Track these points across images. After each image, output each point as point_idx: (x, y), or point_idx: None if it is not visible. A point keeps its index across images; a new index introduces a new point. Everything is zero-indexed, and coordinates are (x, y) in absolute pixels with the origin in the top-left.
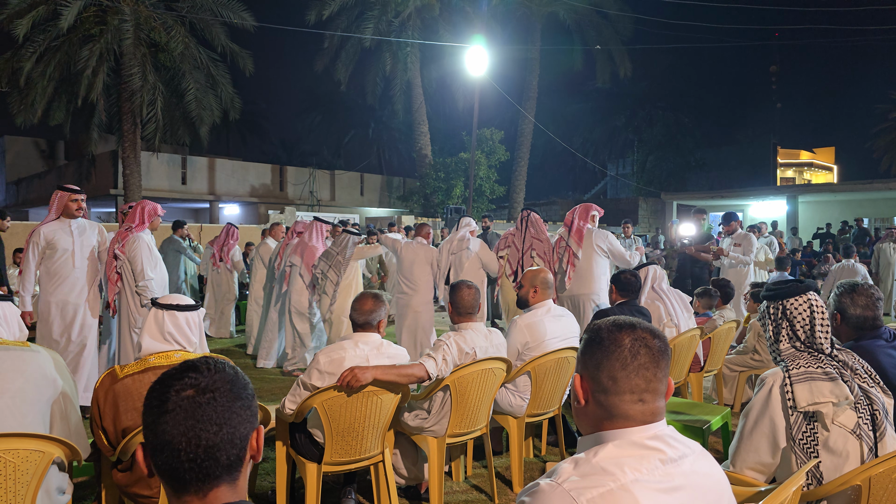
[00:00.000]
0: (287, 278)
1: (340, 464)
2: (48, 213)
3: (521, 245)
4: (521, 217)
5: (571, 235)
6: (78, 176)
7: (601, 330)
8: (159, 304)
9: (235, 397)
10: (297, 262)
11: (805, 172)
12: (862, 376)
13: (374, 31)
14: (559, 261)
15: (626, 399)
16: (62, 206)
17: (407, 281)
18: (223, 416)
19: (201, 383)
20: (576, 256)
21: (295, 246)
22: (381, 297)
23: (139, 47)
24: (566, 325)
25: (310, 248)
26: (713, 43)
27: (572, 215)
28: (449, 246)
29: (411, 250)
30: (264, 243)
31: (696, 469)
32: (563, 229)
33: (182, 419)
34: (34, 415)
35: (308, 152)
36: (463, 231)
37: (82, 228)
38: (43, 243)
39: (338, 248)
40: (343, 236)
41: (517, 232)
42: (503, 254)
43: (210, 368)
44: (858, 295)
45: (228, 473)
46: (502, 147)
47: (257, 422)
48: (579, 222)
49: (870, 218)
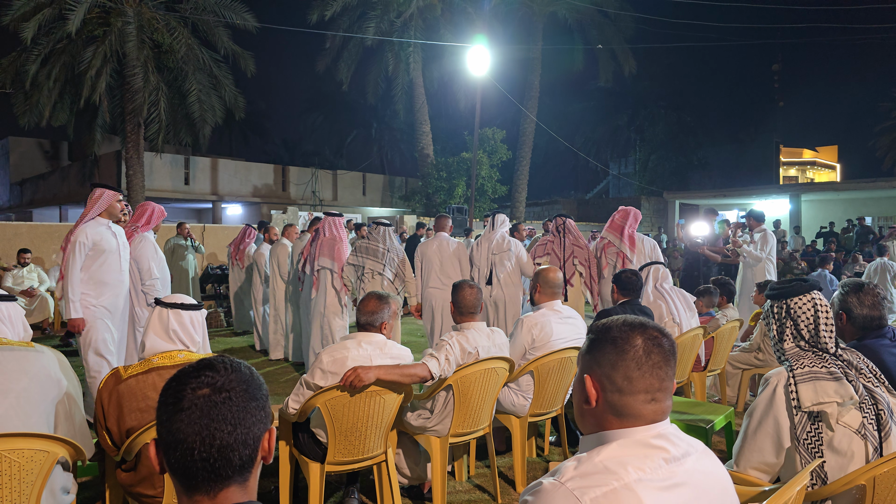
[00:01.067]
0: (316, 283)
1: (343, 463)
2: (87, 212)
3: (561, 253)
4: (556, 224)
5: (624, 241)
6: (81, 177)
7: (611, 329)
8: (163, 303)
9: (251, 398)
10: (327, 264)
11: (808, 171)
12: (866, 376)
13: (375, 31)
14: (608, 266)
15: (640, 399)
16: (106, 206)
17: (440, 276)
18: (238, 417)
19: (217, 382)
20: (630, 261)
21: (319, 246)
22: (386, 299)
23: (142, 49)
24: (574, 328)
25: (336, 246)
26: (715, 42)
27: (623, 222)
28: (488, 245)
29: (434, 246)
30: (280, 244)
31: (699, 467)
32: (613, 234)
33: (197, 418)
34: (38, 415)
35: (310, 152)
36: (501, 230)
37: (118, 230)
38: (90, 244)
39: (381, 242)
40: (379, 229)
41: (556, 239)
42: (541, 260)
43: (227, 368)
44: (865, 294)
45: (240, 474)
46: (504, 146)
47: (270, 423)
48: (630, 229)
49: (873, 216)
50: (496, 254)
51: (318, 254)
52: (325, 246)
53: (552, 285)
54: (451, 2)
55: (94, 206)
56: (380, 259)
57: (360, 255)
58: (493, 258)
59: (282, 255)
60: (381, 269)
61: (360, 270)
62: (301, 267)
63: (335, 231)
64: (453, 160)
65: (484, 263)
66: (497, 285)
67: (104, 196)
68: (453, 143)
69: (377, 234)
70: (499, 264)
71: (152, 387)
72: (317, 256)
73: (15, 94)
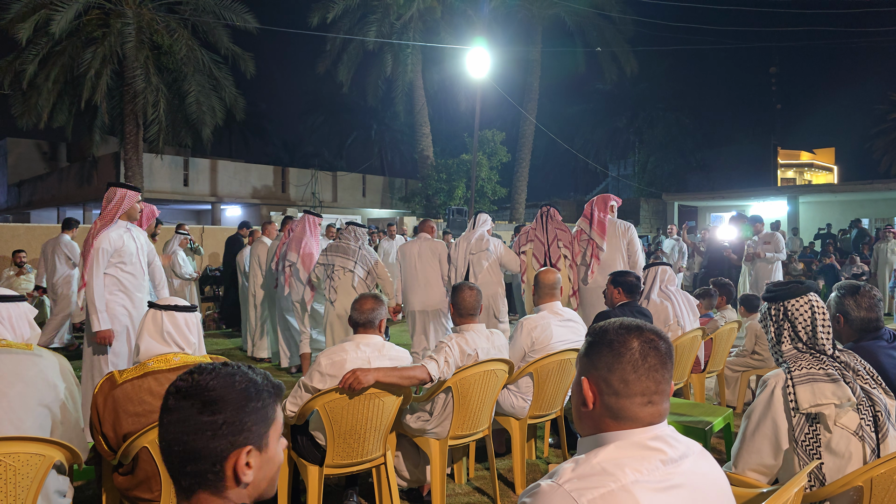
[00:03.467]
0: (287, 279)
1: (342, 466)
2: (108, 213)
3: (545, 237)
4: (540, 212)
5: (594, 228)
6: (80, 178)
7: (608, 332)
8: (157, 306)
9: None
10: (293, 259)
11: (805, 173)
12: (864, 377)
13: (376, 33)
14: (581, 253)
15: (637, 401)
16: (127, 208)
17: (418, 275)
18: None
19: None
20: (600, 249)
21: (290, 243)
22: (381, 298)
23: (142, 50)
24: (573, 331)
25: (304, 240)
26: (713, 45)
27: (591, 207)
28: (466, 245)
29: (415, 247)
30: (260, 242)
31: (696, 469)
32: (584, 222)
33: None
34: (32, 419)
35: (310, 154)
36: (481, 230)
37: (138, 231)
38: (111, 250)
39: (353, 241)
40: (349, 229)
41: (538, 226)
42: (526, 248)
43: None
44: (862, 297)
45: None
46: (504, 148)
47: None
48: (599, 214)
49: (870, 218)
50: (474, 253)
51: (288, 249)
52: (293, 242)
53: (549, 286)
54: (451, 4)
55: (116, 207)
56: (350, 256)
57: (330, 253)
58: (471, 257)
59: (262, 254)
60: (351, 266)
61: (330, 269)
62: (274, 265)
63: (306, 227)
64: (453, 162)
65: (461, 263)
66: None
67: (127, 197)
68: (453, 144)
69: (348, 233)
70: (476, 263)
71: (148, 391)
72: (287, 252)
73: (13, 95)
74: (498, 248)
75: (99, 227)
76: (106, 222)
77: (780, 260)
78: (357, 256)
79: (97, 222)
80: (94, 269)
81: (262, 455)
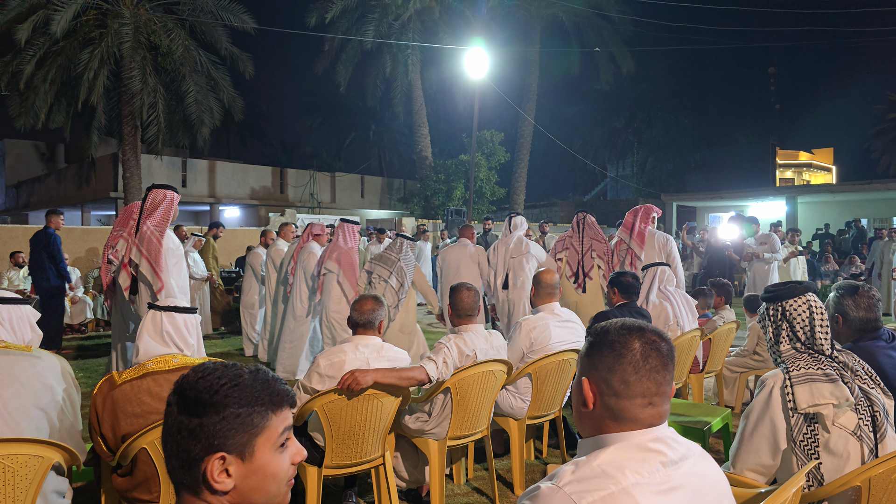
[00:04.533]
0: (321, 286)
1: (341, 467)
2: (160, 216)
3: (580, 247)
4: (576, 219)
5: (633, 238)
6: (78, 179)
7: (609, 333)
8: (157, 307)
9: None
10: (333, 268)
11: (804, 173)
12: (862, 377)
13: (374, 33)
14: (620, 263)
15: (637, 403)
16: (174, 209)
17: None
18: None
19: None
20: (638, 258)
21: (329, 250)
22: (380, 299)
23: (139, 50)
24: (572, 331)
25: (346, 252)
26: (711, 45)
27: (633, 217)
28: (505, 249)
29: (455, 252)
30: (275, 245)
31: (697, 471)
32: (623, 231)
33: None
34: (28, 421)
35: (308, 154)
36: (518, 233)
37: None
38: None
39: (396, 252)
40: (398, 241)
41: (574, 234)
42: (562, 255)
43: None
44: (860, 297)
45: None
46: (502, 149)
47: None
48: (640, 225)
49: (868, 218)
50: (514, 258)
51: (327, 257)
52: (333, 251)
53: (548, 287)
54: (449, 5)
55: (168, 209)
56: (388, 266)
57: (375, 262)
58: (511, 262)
59: (277, 258)
60: (387, 276)
61: (369, 277)
62: (291, 270)
63: (348, 238)
64: (451, 162)
65: (501, 267)
66: (514, 289)
67: (174, 198)
68: (451, 145)
69: (395, 245)
70: (516, 267)
71: (147, 392)
72: (325, 259)
73: (10, 96)
74: (539, 253)
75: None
76: (162, 224)
77: (777, 260)
78: (395, 268)
79: (147, 223)
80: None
81: (245, 464)
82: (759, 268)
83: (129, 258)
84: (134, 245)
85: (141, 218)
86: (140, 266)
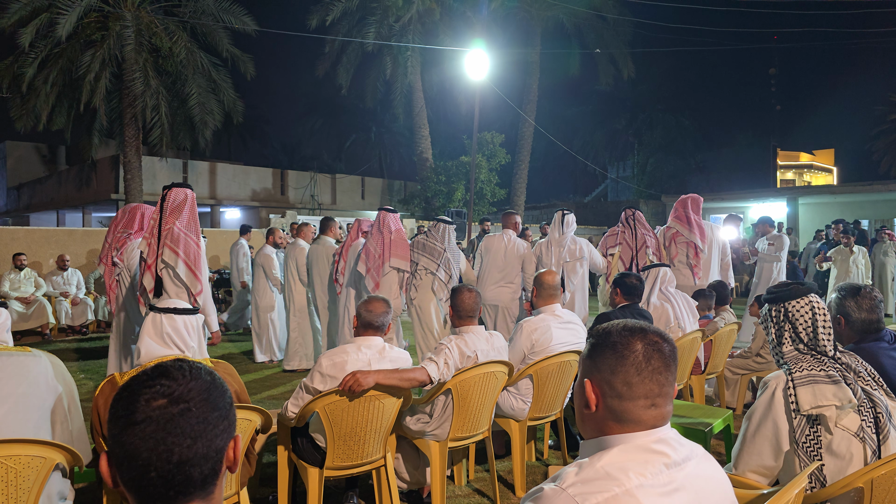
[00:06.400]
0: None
1: (342, 468)
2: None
3: (633, 242)
4: (625, 215)
5: (693, 230)
6: (79, 181)
7: (612, 334)
8: (157, 308)
9: (212, 407)
10: (401, 265)
11: (805, 174)
12: (865, 379)
13: (375, 35)
14: (678, 256)
15: (640, 404)
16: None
17: (501, 275)
18: (197, 429)
19: (174, 392)
20: (701, 251)
21: (388, 246)
22: (389, 302)
23: (141, 52)
24: (573, 333)
25: (396, 242)
26: (712, 46)
27: (685, 210)
28: (559, 250)
29: (501, 242)
30: (296, 246)
31: (700, 472)
32: (679, 224)
33: (152, 432)
34: (36, 420)
35: (309, 156)
36: (570, 232)
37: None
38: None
39: (439, 241)
40: (439, 227)
41: (626, 229)
42: (613, 251)
43: (185, 375)
44: (862, 298)
45: (202, 489)
46: (503, 150)
47: (234, 431)
48: (696, 217)
49: (869, 219)
50: (570, 260)
51: (389, 254)
52: (396, 246)
53: (550, 288)
54: (450, 6)
55: (193, 209)
56: (435, 258)
57: (417, 251)
58: (566, 265)
59: (300, 258)
60: (434, 269)
61: (414, 267)
62: (342, 269)
63: (399, 226)
64: (452, 164)
65: (555, 268)
66: (568, 290)
67: (194, 197)
68: (452, 146)
69: (437, 231)
70: (571, 271)
71: None
72: (387, 257)
73: (12, 98)
74: (591, 251)
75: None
76: (192, 224)
77: (779, 260)
78: (441, 259)
79: (174, 222)
80: (207, 272)
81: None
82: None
83: (161, 260)
84: (166, 246)
85: (163, 218)
86: (177, 268)
